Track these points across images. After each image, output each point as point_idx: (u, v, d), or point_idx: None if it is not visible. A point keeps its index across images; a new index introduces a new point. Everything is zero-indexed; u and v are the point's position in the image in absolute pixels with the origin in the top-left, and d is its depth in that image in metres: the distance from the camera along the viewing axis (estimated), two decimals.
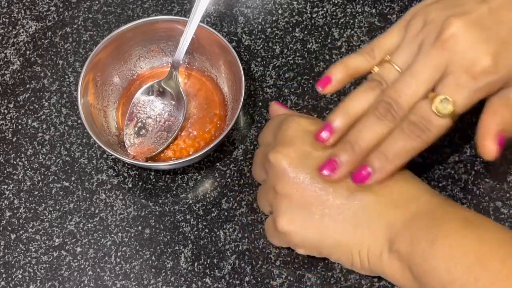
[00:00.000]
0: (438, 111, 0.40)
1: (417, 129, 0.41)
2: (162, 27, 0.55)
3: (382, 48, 0.44)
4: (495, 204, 0.51)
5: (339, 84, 0.45)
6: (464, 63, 0.40)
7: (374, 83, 0.43)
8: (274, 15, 0.61)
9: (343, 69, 0.45)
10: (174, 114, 0.55)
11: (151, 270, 0.51)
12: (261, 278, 0.50)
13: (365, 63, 0.45)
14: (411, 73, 0.41)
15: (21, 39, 0.60)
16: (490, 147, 0.41)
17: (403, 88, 0.41)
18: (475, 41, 0.40)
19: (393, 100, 0.41)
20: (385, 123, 0.42)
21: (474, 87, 0.40)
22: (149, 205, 0.53)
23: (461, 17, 0.40)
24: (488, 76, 0.40)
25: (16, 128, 0.56)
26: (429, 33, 0.42)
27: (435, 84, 0.41)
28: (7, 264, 0.51)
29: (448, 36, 0.40)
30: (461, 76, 0.40)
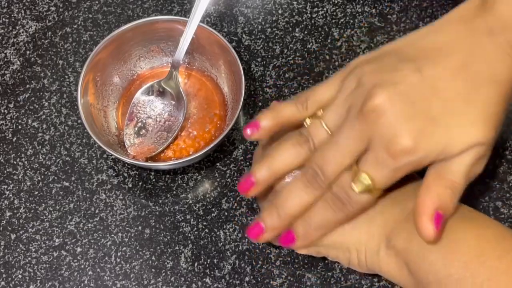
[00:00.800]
0: (357, 188, 0.39)
1: (339, 202, 0.41)
2: (162, 27, 0.55)
3: (316, 100, 0.43)
4: (495, 204, 0.51)
5: (267, 132, 0.44)
6: (384, 141, 0.38)
7: (302, 139, 0.43)
8: (274, 15, 0.61)
9: (273, 118, 0.44)
10: (174, 114, 0.55)
11: (151, 270, 0.51)
12: (261, 278, 0.50)
13: (297, 114, 0.44)
14: (337, 143, 0.40)
15: (21, 39, 0.60)
16: (426, 227, 0.38)
17: (328, 157, 0.40)
18: (397, 117, 0.38)
19: (320, 169, 0.40)
20: (311, 191, 0.41)
21: (393, 167, 0.38)
22: (149, 205, 0.53)
23: (387, 88, 0.38)
24: (407, 156, 0.38)
25: (16, 128, 0.56)
26: (357, 98, 0.40)
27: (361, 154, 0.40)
28: (7, 264, 0.51)
29: (371, 108, 0.38)
30: (380, 154, 0.38)
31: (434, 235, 0.38)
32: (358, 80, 0.40)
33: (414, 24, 0.59)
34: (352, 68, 0.42)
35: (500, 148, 0.53)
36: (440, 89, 0.38)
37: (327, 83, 0.44)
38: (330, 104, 0.42)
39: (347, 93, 0.41)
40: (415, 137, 0.37)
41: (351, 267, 0.45)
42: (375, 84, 0.39)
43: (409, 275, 0.40)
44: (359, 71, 0.41)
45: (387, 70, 0.39)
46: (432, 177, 0.40)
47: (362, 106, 0.39)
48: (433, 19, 0.59)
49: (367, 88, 0.39)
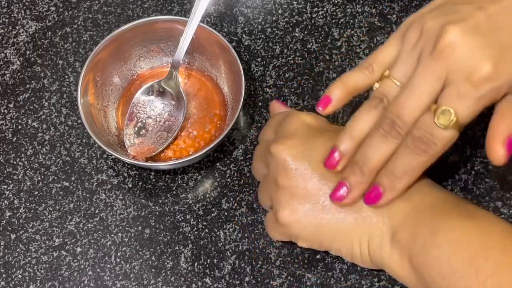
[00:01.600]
0: (441, 123, 0.39)
1: (422, 143, 0.40)
2: (162, 27, 0.55)
3: (380, 62, 0.43)
4: (495, 204, 0.51)
5: (339, 103, 0.44)
6: (464, 72, 0.39)
7: (375, 101, 0.43)
8: (274, 15, 0.61)
9: (342, 87, 0.44)
10: (174, 114, 0.55)
11: (151, 270, 0.51)
12: (261, 278, 0.50)
13: (364, 79, 0.44)
14: (412, 87, 0.40)
15: (21, 39, 0.60)
16: (498, 151, 0.40)
17: (405, 103, 0.40)
18: (474, 48, 0.39)
19: (396, 116, 0.40)
20: (390, 140, 0.41)
21: (477, 96, 0.39)
22: (149, 205, 0.53)
23: (457, 24, 0.39)
24: (489, 83, 0.39)
25: (16, 128, 0.56)
26: (426, 42, 0.40)
27: (438, 95, 0.40)
28: (7, 264, 0.51)
29: (445, 45, 0.39)
30: (462, 85, 0.39)
31: (504, 159, 0.40)
32: (420, 29, 0.41)
33: None
34: (409, 24, 0.43)
35: None
36: (503, 23, 0.40)
37: (387, 44, 0.44)
38: (396, 60, 0.42)
39: (412, 44, 0.41)
40: (494, 64, 0.38)
41: (354, 261, 0.45)
42: (443, 24, 0.40)
43: (412, 270, 0.40)
44: (420, 21, 0.42)
45: (451, 12, 0.41)
46: (505, 108, 0.41)
47: (434, 45, 0.39)
48: None
49: (434, 31, 0.40)
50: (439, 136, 0.40)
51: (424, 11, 0.43)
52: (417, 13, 0.43)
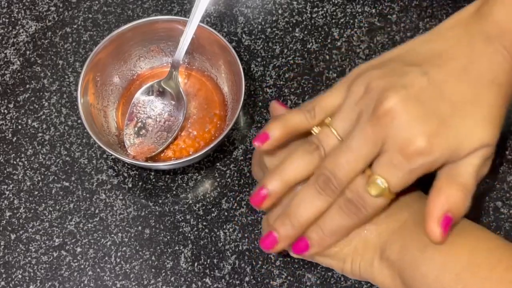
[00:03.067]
0: (372, 192, 0.39)
1: (353, 206, 0.40)
2: (162, 27, 0.55)
3: (323, 108, 0.43)
4: (495, 204, 0.51)
5: (277, 142, 0.44)
6: (398, 143, 0.38)
7: (312, 147, 0.43)
8: (274, 15, 0.61)
9: (282, 128, 0.43)
10: (174, 114, 0.55)
11: (151, 270, 0.51)
12: (261, 278, 0.50)
13: (305, 122, 0.43)
14: (349, 148, 0.40)
15: (21, 39, 0.60)
16: (433, 230, 0.39)
17: (341, 163, 0.40)
18: (411, 119, 0.38)
19: (332, 174, 0.40)
20: (324, 198, 0.41)
21: (408, 168, 0.38)
22: (149, 205, 0.53)
23: (398, 92, 0.39)
24: (422, 157, 0.38)
25: (16, 128, 0.56)
26: (367, 104, 0.40)
27: (374, 158, 0.40)
28: (7, 264, 0.51)
29: (384, 112, 0.38)
30: (395, 156, 0.38)
31: (440, 238, 0.38)
32: (366, 85, 0.41)
33: (414, 24, 0.59)
34: (357, 74, 0.42)
35: (500, 148, 0.53)
36: (447, 92, 0.39)
37: (332, 91, 0.43)
38: (338, 111, 0.42)
39: (355, 98, 0.41)
40: (429, 138, 0.38)
41: (345, 274, 0.45)
42: (385, 88, 0.39)
43: (403, 286, 0.40)
44: (366, 76, 0.41)
45: (395, 74, 0.40)
46: (443, 180, 0.40)
47: (374, 109, 0.39)
48: (433, 19, 0.59)
49: (377, 92, 0.39)
50: (370, 203, 0.40)
51: (373, 63, 0.43)
52: (366, 65, 0.43)
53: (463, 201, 0.40)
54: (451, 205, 0.39)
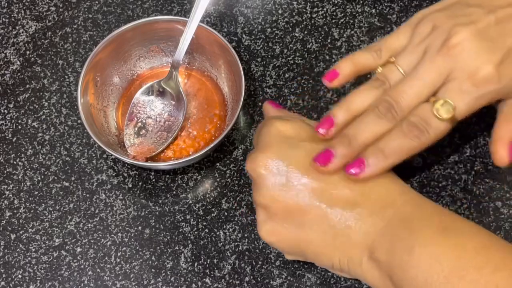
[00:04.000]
0: (439, 114, 0.41)
1: (416, 129, 0.41)
2: (162, 27, 0.55)
3: (389, 47, 0.45)
4: (495, 204, 0.51)
5: (345, 79, 0.46)
6: (467, 71, 0.41)
7: (377, 82, 0.44)
8: (274, 15, 0.61)
9: (351, 64, 0.46)
10: (174, 114, 0.55)
11: (151, 270, 0.51)
12: (261, 278, 0.50)
13: (372, 61, 0.45)
14: (415, 76, 0.42)
15: (21, 39, 0.60)
16: (502, 154, 0.42)
17: (406, 89, 0.42)
18: (480, 50, 0.41)
19: (395, 100, 0.42)
20: (384, 122, 0.42)
21: (476, 94, 0.41)
22: (149, 205, 0.53)
23: (468, 26, 0.41)
24: (490, 84, 0.41)
25: (16, 128, 0.56)
26: (435, 38, 0.42)
27: (437, 89, 0.42)
28: (7, 264, 0.51)
29: (454, 44, 0.41)
30: (464, 83, 0.41)
31: (507, 162, 0.41)
32: (432, 25, 0.43)
33: None
34: (421, 17, 0.45)
35: None
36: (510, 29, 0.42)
37: (398, 32, 0.46)
38: (404, 49, 0.44)
39: (421, 37, 0.43)
40: (497, 67, 0.41)
41: (335, 272, 0.45)
42: (454, 24, 0.42)
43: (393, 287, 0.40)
44: (432, 17, 0.44)
45: (462, 14, 0.43)
46: (509, 112, 0.43)
47: (444, 42, 0.42)
48: None
49: (445, 29, 0.42)
50: (434, 126, 0.41)
51: (435, 8, 0.45)
52: (430, 8, 0.45)
53: None
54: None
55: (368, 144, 0.43)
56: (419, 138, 0.41)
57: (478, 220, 0.51)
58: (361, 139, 0.42)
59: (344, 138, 0.43)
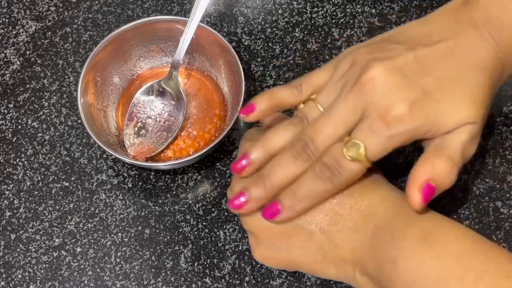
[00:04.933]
0: (349, 155, 0.39)
1: (328, 171, 0.40)
2: (162, 27, 0.55)
3: (310, 84, 0.44)
4: (495, 204, 0.51)
5: (262, 114, 0.44)
6: (379, 108, 0.39)
7: (296, 119, 0.43)
8: (274, 15, 0.61)
9: (268, 101, 0.44)
10: (174, 114, 0.55)
11: (151, 270, 0.51)
12: (261, 278, 0.50)
13: (291, 97, 0.44)
14: (329, 115, 0.41)
15: (21, 39, 0.60)
16: (413, 196, 0.39)
17: (320, 128, 0.40)
18: (393, 87, 0.39)
19: (310, 140, 0.41)
20: (300, 163, 0.41)
21: (387, 134, 0.39)
22: (149, 205, 0.53)
23: (382, 62, 0.40)
24: (402, 124, 0.39)
25: (16, 128, 0.56)
26: (352, 75, 0.41)
27: (353, 127, 0.40)
28: (7, 264, 0.51)
29: (366, 80, 0.39)
30: (374, 121, 0.39)
31: (419, 205, 0.39)
32: (352, 61, 0.42)
33: None
34: (344, 54, 0.43)
35: (500, 148, 0.53)
36: (431, 67, 0.40)
37: (320, 69, 0.44)
38: (324, 87, 0.43)
39: (340, 74, 0.42)
40: (410, 106, 0.39)
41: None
42: (370, 59, 0.40)
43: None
44: (353, 53, 0.42)
45: (382, 50, 0.41)
46: (430, 152, 0.40)
47: (357, 79, 0.40)
48: None
49: (361, 65, 0.40)
50: (346, 167, 0.40)
51: (360, 44, 0.44)
52: (354, 46, 0.44)
53: (448, 173, 0.40)
54: (435, 175, 0.39)
55: (284, 185, 0.42)
56: (331, 180, 0.40)
57: (478, 220, 0.51)
58: (276, 181, 0.42)
59: (258, 180, 0.42)
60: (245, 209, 0.43)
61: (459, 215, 0.51)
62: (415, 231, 0.39)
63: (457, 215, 0.51)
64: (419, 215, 0.40)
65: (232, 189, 0.45)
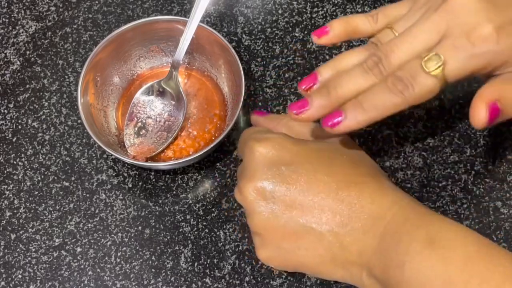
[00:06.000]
0: (426, 67, 0.38)
1: (400, 83, 0.39)
2: (162, 27, 0.55)
3: (387, 14, 0.43)
4: (495, 204, 0.51)
5: (335, 38, 0.43)
6: (465, 27, 0.38)
7: (370, 45, 0.42)
8: (274, 15, 0.61)
9: (343, 24, 0.43)
10: (174, 114, 0.55)
11: (151, 270, 0.51)
12: (261, 278, 0.50)
13: (367, 25, 0.43)
14: (410, 32, 0.39)
15: (21, 39, 0.60)
16: (479, 111, 0.38)
17: (397, 45, 0.39)
18: (481, 8, 0.38)
19: (384, 55, 0.39)
20: (369, 76, 0.40)
21: (470, 52, 0.38)
22: (149, 205, 0.53)
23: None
24: (487, 44, 0.38)
25: (16, 128, 0.56)
26: (434, 2, 0.40)
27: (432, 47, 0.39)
28: (7, 264, 0.51)
29: (452, 2, 0.39)
30: (459, 39, 0.38)
31: (483, 123, 0.38)
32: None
33: None
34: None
35: (500, 148, 0.53)
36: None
37: (398, 3, 0.43)
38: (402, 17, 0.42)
39: (421, 3, 0.41)
40: (497, 29, 0.38)
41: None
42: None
43: None
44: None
45: None
46: (499, 78, 0.39)
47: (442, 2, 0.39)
48: None
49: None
50: (420, 81, 0.38)
51: None
52: None
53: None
54: (503, 96, 0.38)
55: (349, 98, 0.40)
56: (403, 93, 0.38)
57: (478, 220, 0.51)
58: (340, 91, 0.40)
59: (323, 89, 0.41)
60: (305, 115, 0.41)
61: (459, 215, 0.51)
62: (422, 236, 0.39)
63: (457, 215, 0.51)
64: (426, 219, 0.40)
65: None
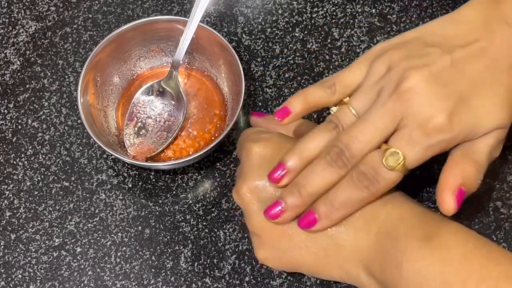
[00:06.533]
0: (388, 164, 0.39)
1: (365, 179, 0.40)
2: (162, 27, 0.55)
3: (344, 84, 0.43)
4: (495, 204, 0.51)
5: (297, 116, 0.44)
6: (418, 119, 0.39)
7: (331, 125, 0.43)
8: (274, 15, 0.61)
9: (303, 101, 0.44)
10: (174, 114, 0.55)
11: (151, 270, 0.51)
12: (261, 278, 0.50)
13: (325, 98, 0.44)
14: (367, 121, 0.40)
15: (21, 39, 0.60)
16: (447, 201, 0.40)
17: (357, 135, 0.40)
18: (432, 97, 0.39)
19: (346, 147, 0.40)
20: (335, 170, 0.41)
21: (426, 144, 0.39)
22: (149, 205, 0.53)
23: (421, 70, 0.39)
24: (441, 134, 0.39)
25: (16, 128, 0.56)
26: (389, 81, 0.40)
27: (389, 135, 0.40)
28: (7, 264, 0.51)
29: (405, 89, 0.39)
30: (414, 131, 0.39)
31: (454, 209, 0.40)
32: (388, 64, 0.41)
33: (414, 24, 0.59)
34: (377, 53, 0.43)
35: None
36: (467, 72, 0.40)
37: (352, 68, 0.44)
38: (358, 90, 0.42)
39: (376, 77, 0.42)
40: (449, 116, 0.39)
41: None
42: (407, 67, 0.40)
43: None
44: (388, 56, 0.42)
45: (417, 55, 0.41)
46: (458, 156, 0.41)
47: (396, 87, 0.40)
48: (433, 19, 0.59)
49: (399, 71, 0.40)
50: (384, 176, 0.40)
51: (393, 42, 0.43)
52: (387, 44, 0.43)
53: (475, 177, 0.41)
54: (465, 179, 0.40)
55: (320, 193, 0.41)
56: (369, 189, 0.40)
57: (478, 220, 0.51)
58: (311, 189, 0.41)
59: (294, 189, 0.42)
60: (282, 218, 0.42)
61: (459, 215, 0.51)
62: (418, 235, 0.39)
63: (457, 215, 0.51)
64: (422, 218, 0.40)
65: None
